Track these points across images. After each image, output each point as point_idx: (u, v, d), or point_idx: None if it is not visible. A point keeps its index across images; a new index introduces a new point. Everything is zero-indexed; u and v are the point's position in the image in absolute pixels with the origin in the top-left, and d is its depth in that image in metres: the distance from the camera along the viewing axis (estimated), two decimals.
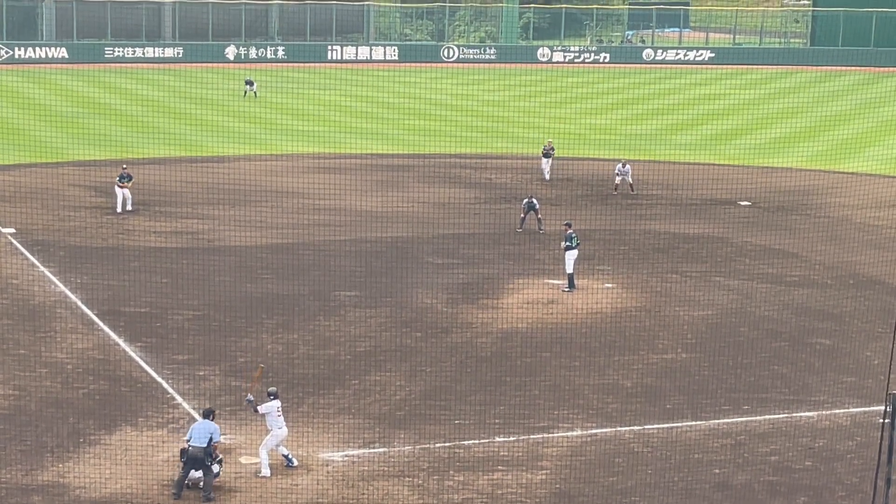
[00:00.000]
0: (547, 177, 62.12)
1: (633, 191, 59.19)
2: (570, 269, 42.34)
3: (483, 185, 61.61)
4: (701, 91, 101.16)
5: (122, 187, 52.83)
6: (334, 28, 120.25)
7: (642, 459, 29.83)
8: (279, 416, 28.41)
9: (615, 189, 59.09)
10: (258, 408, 28.45)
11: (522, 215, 51.61)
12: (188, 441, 27.36)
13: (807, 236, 51.28)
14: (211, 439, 27.30)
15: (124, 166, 54.31)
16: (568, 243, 42.44)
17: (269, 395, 28.61)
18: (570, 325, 39.05)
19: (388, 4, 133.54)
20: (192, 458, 27.15)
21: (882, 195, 59.18)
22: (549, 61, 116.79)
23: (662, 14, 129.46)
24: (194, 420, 29.99)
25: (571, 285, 42.25)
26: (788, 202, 58.34)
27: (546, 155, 62.42)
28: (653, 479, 28.79)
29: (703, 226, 53.25)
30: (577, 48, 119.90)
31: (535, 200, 51.72)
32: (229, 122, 77.34)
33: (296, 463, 28.67)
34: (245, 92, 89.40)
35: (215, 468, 27.45)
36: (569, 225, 43.39)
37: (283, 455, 28.69)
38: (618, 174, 59.43)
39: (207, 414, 28.00)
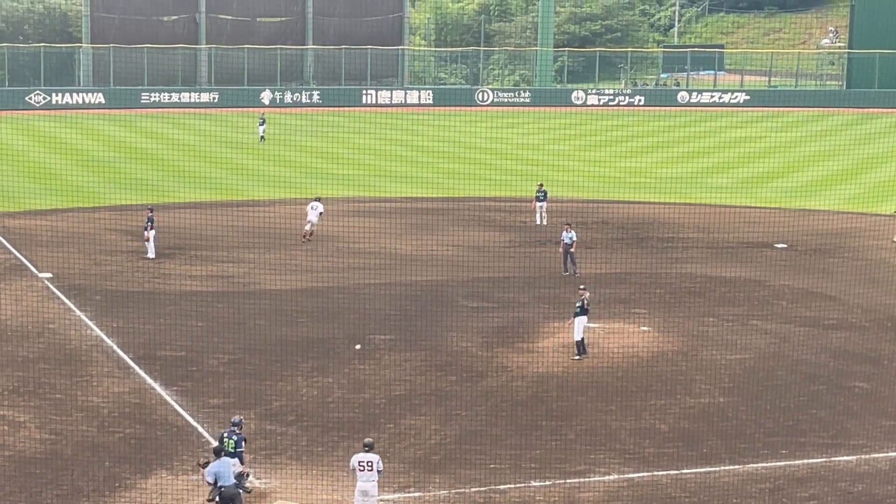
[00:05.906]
0: (543, 222, 61.29)
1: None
2: (577, 335, 39.67)
3: (517, 228, 61.55)
4: (736, 133, 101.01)
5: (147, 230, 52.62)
6: (369, 72, 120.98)
7: None
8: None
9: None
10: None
11: (563, 253, 51.08)
12: (216, 484, 27.15)
13: (844, 279, 50.94)
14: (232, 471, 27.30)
15: (150, 209, 54.01)
16: (577, 307, 39.67)
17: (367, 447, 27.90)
18: (605, 368, 38.87)
19: (422, 49, 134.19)
20: (226, 498, 27.07)
21: None
22: (584, 104, 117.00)
23: (697, 57, 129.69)
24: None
25: (581, 351, 39.62)
26: (825, 245, 58.03)
27: (540, 199, 61.48)
28: None
29: (739, 269, 52.99)
30: (611, 91, 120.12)
31: (573, 233, 50.77)
32: (265, 167, 77.70)
33: None
34: (261, 123, 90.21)
35: (247, 485, 28.09)
36: (584, 288, 40.60)
37: None
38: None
39: (218, 452, 27.70)
